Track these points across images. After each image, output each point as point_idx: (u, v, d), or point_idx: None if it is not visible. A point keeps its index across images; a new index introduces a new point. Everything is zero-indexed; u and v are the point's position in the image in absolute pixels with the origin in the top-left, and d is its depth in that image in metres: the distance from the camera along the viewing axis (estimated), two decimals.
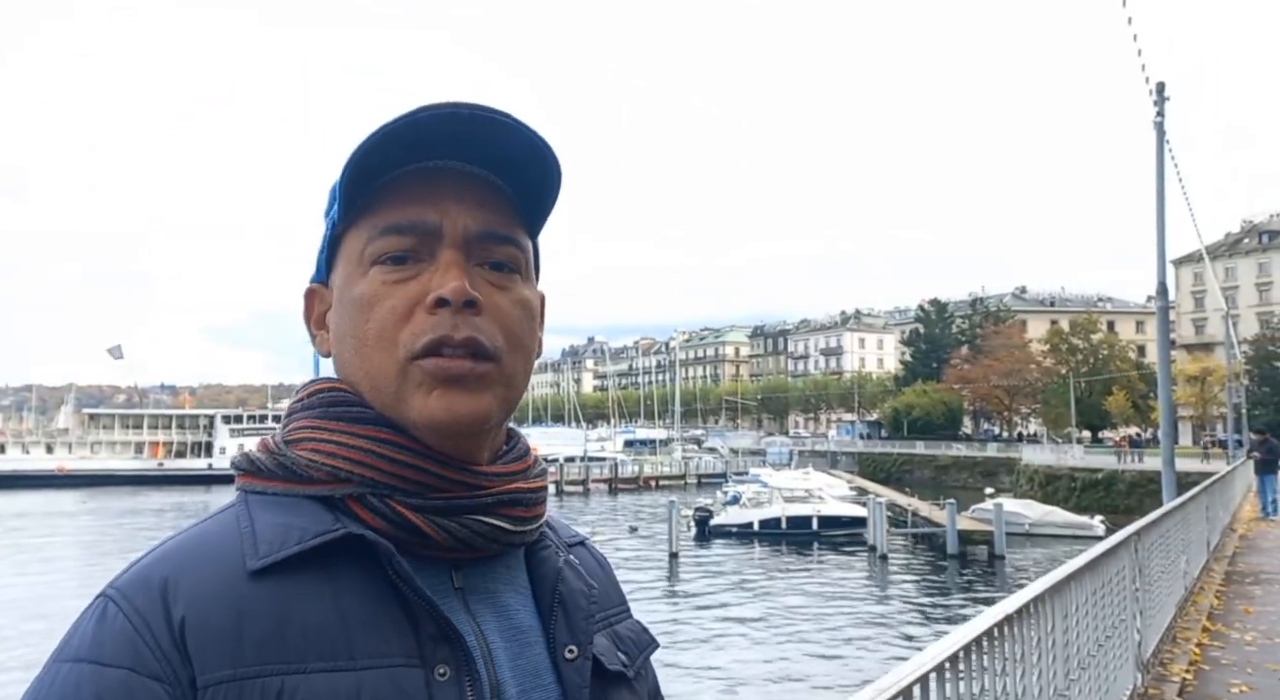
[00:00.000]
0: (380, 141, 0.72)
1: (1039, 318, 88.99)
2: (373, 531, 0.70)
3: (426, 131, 0.73)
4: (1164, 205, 12.47)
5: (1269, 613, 8.17)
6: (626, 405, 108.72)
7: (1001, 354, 71.33)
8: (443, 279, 0.73)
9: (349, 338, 0.76)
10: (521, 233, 0.80)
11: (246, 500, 0.74)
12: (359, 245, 0.76)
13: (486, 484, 0.75)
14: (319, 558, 0.68)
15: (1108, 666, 4.51)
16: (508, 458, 0.80)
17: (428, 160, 0.76)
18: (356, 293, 0.75)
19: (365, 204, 0.76)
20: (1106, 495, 37.18)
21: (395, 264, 0.75)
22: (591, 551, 0.91)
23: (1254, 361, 62.96)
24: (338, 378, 0.79)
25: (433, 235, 0.75)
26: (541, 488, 0.81)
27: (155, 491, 53.93)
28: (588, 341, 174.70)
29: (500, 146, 0.76)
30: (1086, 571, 4.13)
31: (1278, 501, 17.70)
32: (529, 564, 0.81)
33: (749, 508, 32.11)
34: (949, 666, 2.33)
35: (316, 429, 0.75)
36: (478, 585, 0.76)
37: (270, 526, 0.70)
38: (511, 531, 0.76)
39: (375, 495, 0.72)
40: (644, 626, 0.88)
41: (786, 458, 58.84)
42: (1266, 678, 5.95)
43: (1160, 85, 12.72)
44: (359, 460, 0.73)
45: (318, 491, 0.73)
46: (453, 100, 0.73)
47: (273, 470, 0.75)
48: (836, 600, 20.71)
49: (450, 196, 0.76)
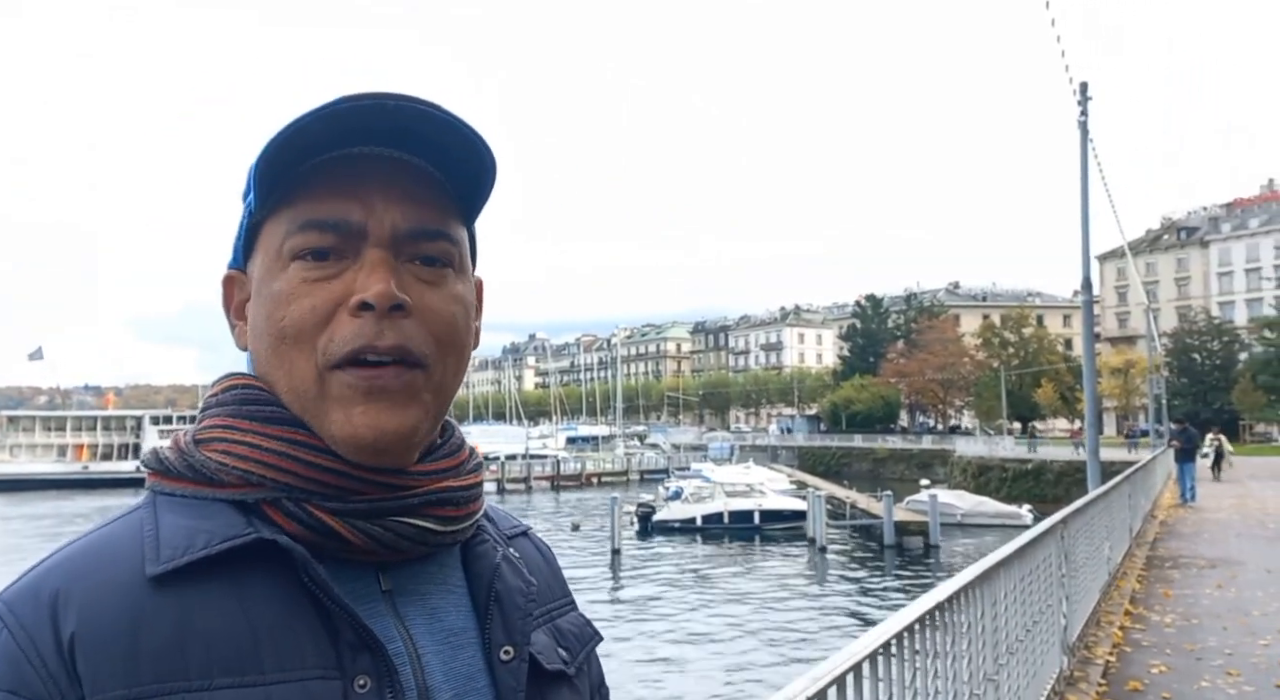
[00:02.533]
0: (296, 132, 0.67)
1: (971, 313, 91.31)
2: (287, 536, 0.66)
3: (349, 122, 0.68)
4: (1088, 203, 12.87)
5: (1186, 596, 8.52)
6: (568, 402, 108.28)
7: (936, 348, 72.98)
8: (367, 280, 0.68)
9: (265, 334, 0.71)
10: (456, 224, 0.75)
11: (154, 502, 0.70)
12: (277, 238, 0.71)
13: (412, 484, 0.71)
14: (228, 564, 0.64)
15: (1035, 651, 4.64)
16: (438, 454, 0.76)
17: (351, 147, 0.71)
18: (275, 288, 0.70)
19: (284, 193, 0.71)
20: (1036, 485, 38.33)
21: (316, 261, 0.70)
22: (534, 542, 0.88)
23: (1173, 354, 65.55)
24: (254, 374, 0.74)
25: (356, 233, 0.70)
26: (475, 485, 0.77)
27: (81, 496, 52.02)
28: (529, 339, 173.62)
29: (428, 137, 0.71)
30: (1015, 559, 4.24)
31: (1195, 488, 18.47)
32: (465, 561, 0.77)
33: (691, 503, 32.26)
34: (881, 654, 2.37)
35: (229, 429, 0.71)
36: (407, 587, 0.72)
37: (176, 530, 0.66)
38: (440, 532, 0.72)
39: (291, 499, 0.68)
40: (587, 620, 0.86)
41: (728, 453, 59.34)
42: (1184, 658, 6.20)
43: (1084, 85, 13.13)
44: (273, 464, 0.68)
45: (229, 495, 0.68)
46: (376, 91, 0.68)
47: (181, 471, 0.70)
48: (778, 593, 20.96)
49: (376, 189, 0.71)
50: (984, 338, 74.58)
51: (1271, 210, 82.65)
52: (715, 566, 25.12)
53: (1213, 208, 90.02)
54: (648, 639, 16.75)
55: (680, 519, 31.41)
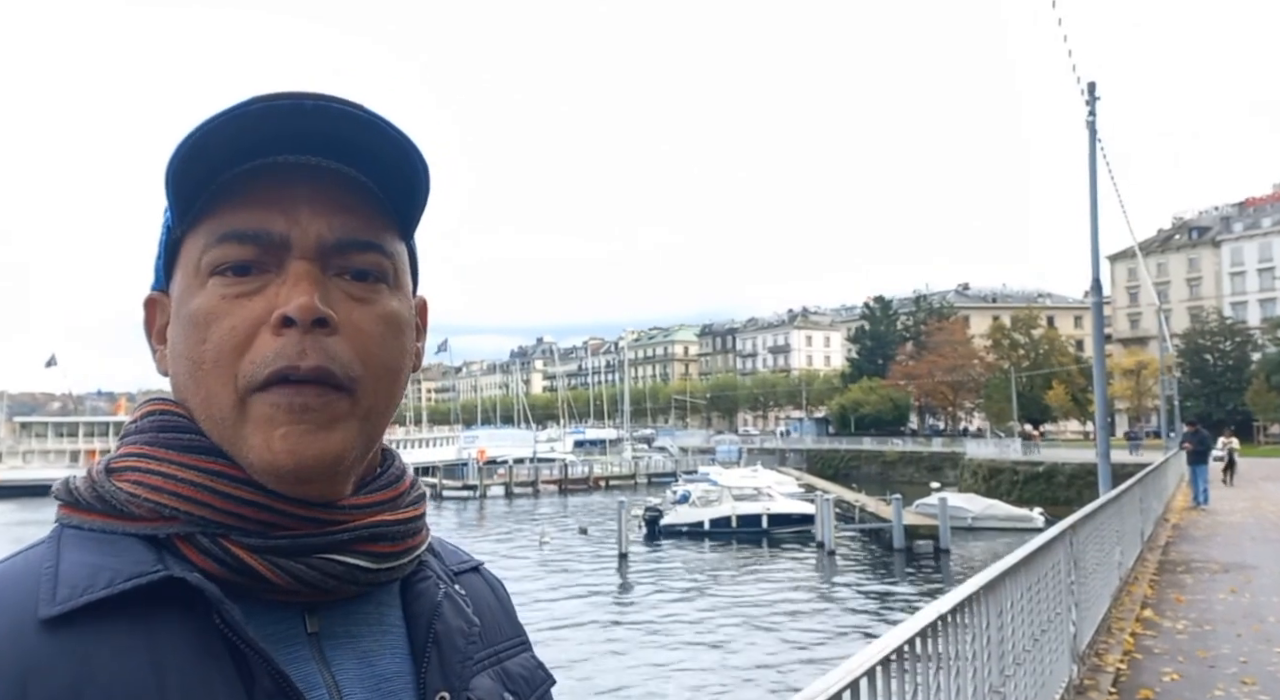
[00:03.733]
0: (206, 138, 0.62)
1: (981, 314, 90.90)
2: (200, 574, 0.60)
3: (267, 125, 0.63)
4: (1097, 203, 12.75)
5: (1199, 601, 8.38)
6: (576, 405, 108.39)
7: (945, 350, 72.72)
8: (290, 293, 0.63)
9: (183, 359, 0.66)
10: (390, 236, 0.69)
11: (60, 536, 0.64)
12: (196, 253, 0.66)
13: (343, 518, 0.65)
14: (134, 605, 0.58)
15: (1044, 660, 4.54)
16: (375, 485, 0.70)
17: (272, 155, 0.65)
18: (193, 307, 0.65)
19: (203, 206, 0.65)
20: (1047, 487, 38.11)
21: (237, 276, 0.64)
22: (486, 578, 0.82)
23: (1185, 354, 65.12)
24: (175, 399, 0.69)
25: (279, 245, 0.64)
26: (413, 519, 0.71)
27: None
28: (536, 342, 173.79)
29: (355, 142, 0.65)
30: (1021, 567, 4.14)
31: (1208, 491, 18.27)
32: (404, 599, 0.71)
33: (699, 506, 32.17)
34: (880, 670, 2.28)
35: (143, 457, 0.65)
36: (336, 629, 0.66)
37: (77, 567, 0.59)
38: (373, 570, 0.66)
39: (206, 535, 0.62)
40: (539, 662, 0.79)
41: (736, 456, 59.22)
42: (1197, 666, 6.07)
43: (1091, 85, 13.00)
44: (188, 495, 0.63)
45: (140, 529, 0.62)
46: (293, 90, 0.62)
47: (91, 503, 0.64)
48: (786, 598, 20.83)
49: (301, 198, 0.65)
50: (994, 339, 74.30)
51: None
52: (723, 570, 25.01)
53: (1224, 207, 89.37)
54: (655, 643, 16.65)
55: (688, 523, 31.32)
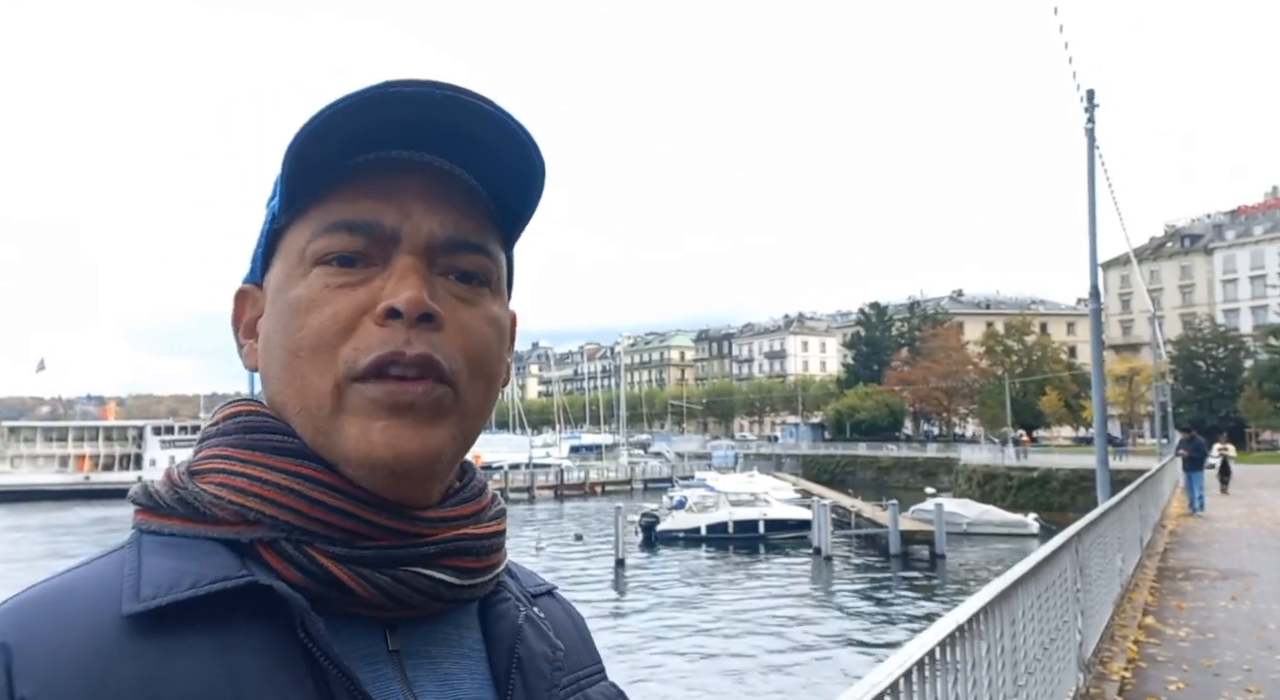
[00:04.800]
0: (330, 122, 0.60)
1: (975, 320, 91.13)
2: (285, 583, 0.58)
3: (389, 115, 0.61)
4: (1095, 210, 12.78)
5: (1200, 608, 8.38)
6: (572, 411, 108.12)
7: (940, 356, 72.89)
8: (397, 287, 0.62)
9: (279, 349, 0.64)
10: (495, 242, 0.68)
11: (139, 541, 0.62)
12: (301, 242, 0.64)
13: (428, 531, 0.63)
14: (216, 610, 0.56)
15: (1053, 669, 4.53)
16: (457, 499, 0.67)
17: (389, 150, 0.64)
18: (293, 295, 0.63)
19: (312, 195, 0.64)
20: (1041, 493, 38.19)
21: (342, 266, 0.63)
22: (561, 602, 0.79)
23: (1178, 361, 65.34)
24: (263, 400, 0.67)
25: (389, 238, 0.63)
26: (497, 534, 0.69)
27: (81, 506, 51.95)
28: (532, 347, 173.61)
29: (476, 139, 0.64)
30: (1031, 576, 4.13)
31: (1204, 497, 18.29)
32: (484, 621, 0.68)
33: (695, 512, 32.15)
34: (903, 682, 2.27)
35: (228, 460, 0.63)
36: (418, 649, 0.63)
37: (159, 569, 0.58)
38: (457, 586, 0.64)
39: (290, 541, 0.60)
40: (619, 690, 0.76)
41: (732, 461, 59.24)
42: (1202, 674, 6.06)
43: (1090, 92, 13.05)
44: (274, 499, 0.60)
45: (222, 534, 0.60)
46: (423, 78, 0.61)
47: (172, 506, 0.62)
48: (783, 604, 20.81)
49: (414, 194, 0.64)
50: (988, 345, 74.46)
51: (1276, 218, 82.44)
52: (720, 576, 24.97)
53: (1217, 214, 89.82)
54: (652, 650, 16.60)
55: (684, 528, 31.28)
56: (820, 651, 16.33)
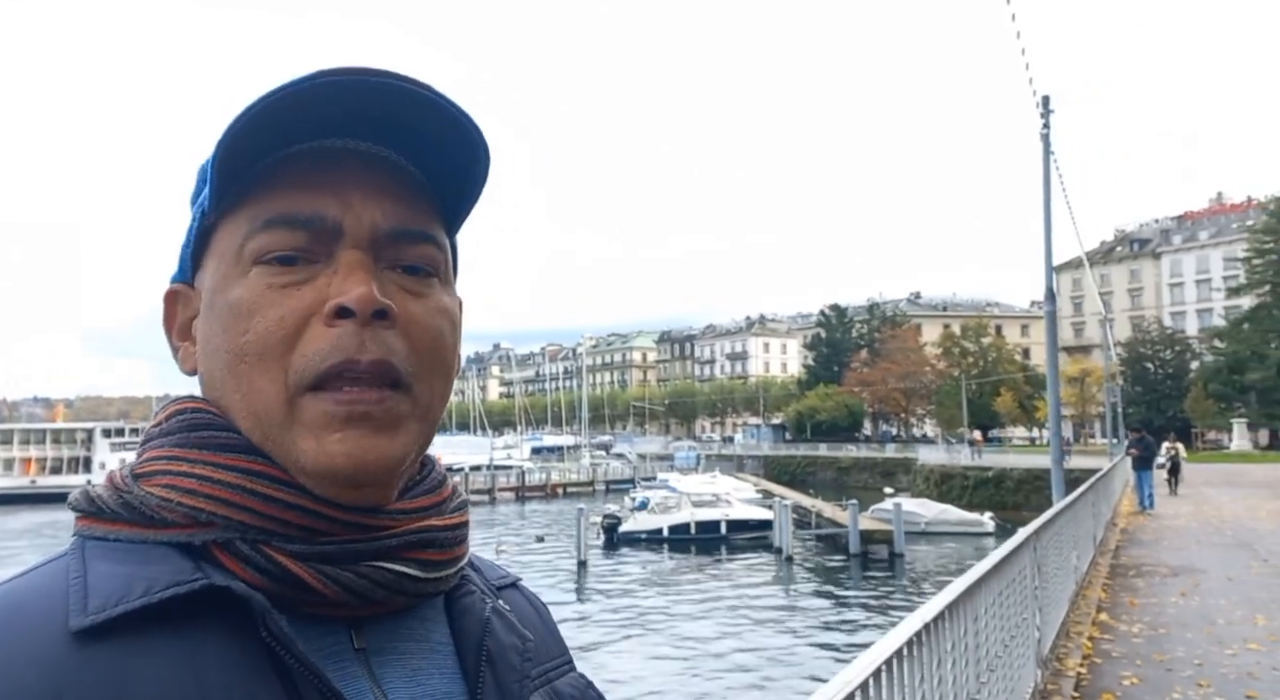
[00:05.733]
0: (263, 113, 0.57)
1: (933, 322, 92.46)
2: (243, 583, 0.55)
3: (323, 103, 0.58)
4: (1050, 214, 13.04)
5: (1152, 604, 8.58)
6: (533, 412, 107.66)
7: (898, 357, 73.91)
8: (345, 283, 0.59)
9: (222, 352, 0.61)
10: (441, 229, 0.66)
11: (83, 548, 0.58)
12: (236, 239, 0.61)
13: (390, 523, 0.61)
14: (172, 617, 0.53)
15: (1013, 666, 4.60)
16: (419, 490, 0.65)
17: (325, 139, 0.61)
18: (233, 297, 0.60)
19: (245, 189, 0.61)
20: (996, 492, 38.98)
21: (283, 265, 0.60)
22: (525, 594, 0.78)
23: (1128, 363, 66.95)
24: (205, 398, 0.64)
25: (331, 232, 0.60)
26: (461, 525, 0.67)
27: (27, 511, 50.54)
28: (493, 348, 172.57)
29: (416, 125, 0.62)
30: (994, 574, 4.19)
31: (1154, 496, 18.75)
32: (450, 615, 0.67)
33: (658, 514, 32.16)
34: (872, 682, 2.28)
35: (175, 460, 0.60)
36: (384, 645, 0.62)
37: (107, 577, 0.55)
38: (422, 579, 0.62)
39: (246, 541, 0.57)
40: (588, 682, 0.75)
41: (694, 462, 59.37)
42: (1154, 669, 6.21)
43: (1045, 98, 13.33)
44: (226, 499, 0.58)
45: (173, 537, 0.57)
46: (355, 65, 0.58)
47: (117, 511, 0.59)
48: (744, 604, 20.90)
49: (352, 184, 0.61)
50: (945, 347, 75.64)
51: (1220, 223, 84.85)
52: (682, 577, 25.01)
53: (1164, 220, 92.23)
54: (614, 651, 16.58)
55: (647, 530, 31.28)
56: (782, 650, 16.43)
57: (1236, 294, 64.93)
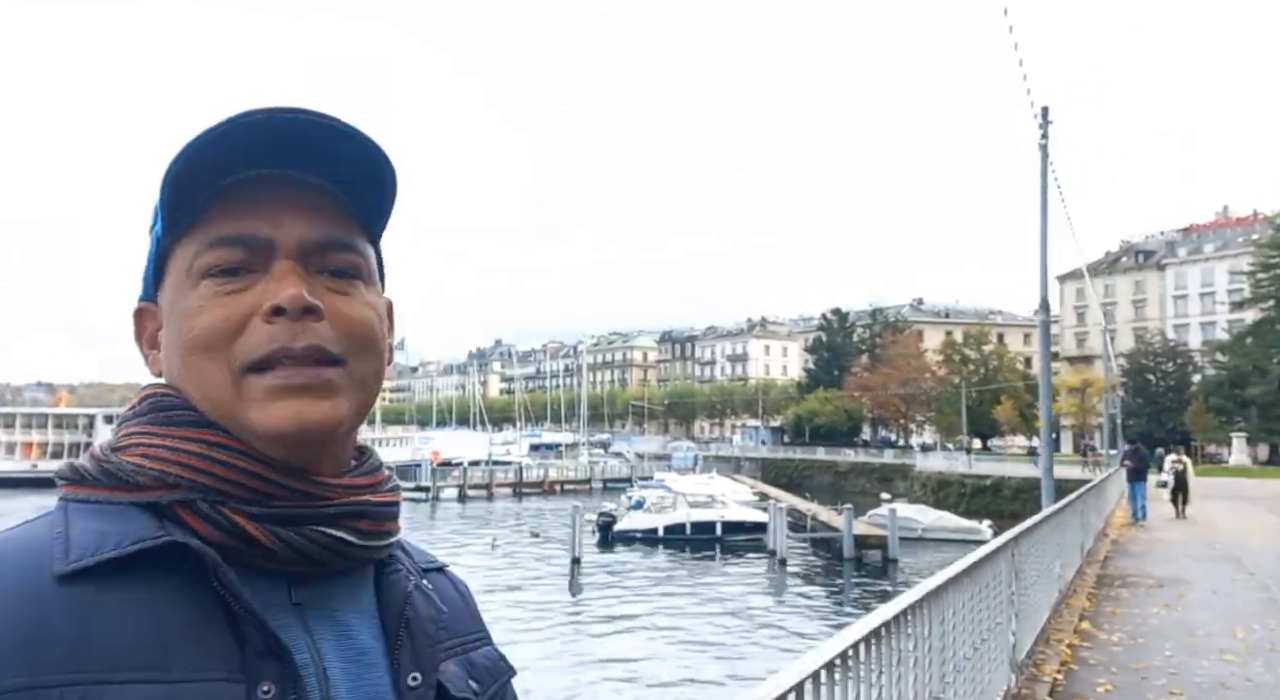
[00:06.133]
0: (198, 153, 0.69)
1: (934, 329, 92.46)
2: (201, 540, 0.66)
3: (247, 140, 0.69)
4: (1047, 224, 13.12)
5: (1134, 614, 8.65)
6: (533, 409, 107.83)
7: (899, 363, 73.82)
8: (278, 287, 0.70)
9: (177, 348, 0.73)
10: (361, 238, 0.77)
11: (66, 508, 0.70)
12: (187, 259, 0.73)
13: (330, 495, 0.72)
14: (139, 567, 0.64)
15: (983, 669, 4.68)
16: (356, 472, 0.77)
17: (256, 169, 0.72)
18: (185, 305, 0.72)
19: (191, 218, 0.72)
20: (994, 500, 38.91)
21: (226, 276, 0.71)
22: (450, 578, 0.88)
23: (1129, 374, 66.90)
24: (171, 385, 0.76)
25: (266, 247, 0.71)
26: (392, 503, 0.77)
27: (28, 494, 50.77)
28: (494, 344, 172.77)
29: (329, 151, 0.72)
30: (965, 577, 4.27)
31: (1146, 508, 18.81)
32: (378, 587, 0.77)
33: (653, 513, 32.27)
34: (824, 673, 2.36)
35: (148, 435, 0.71)
36: (318, 602, 0.71)
37: (86, 532, 0.66)
38: (357, 545, 0.72)
39: (207, 501, 0.67)
40: (501, 655, 0.86)
41: (691, 463, 59.51)
42: (1129, 676, 6.28)
43: (1045, 109, 13.39)
44: (190, 465, 0.68)
45: (144, 498, 0.68)
46: (269, 106, 0.69)
47: (97, 477, 0.70)
48: (736, 604, 20.98)
49: (282, 206, 0.72)
50: (946, 354, 75.60)
51: (1225, 236, 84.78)
52: (675, 577, 25.10)
53: (1169, 232, 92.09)
54: (605, 648, 16.67)
55: (642, 529, 31.38)
56: (771, 652, 16.51)
57: (1240, 308, 64.88)
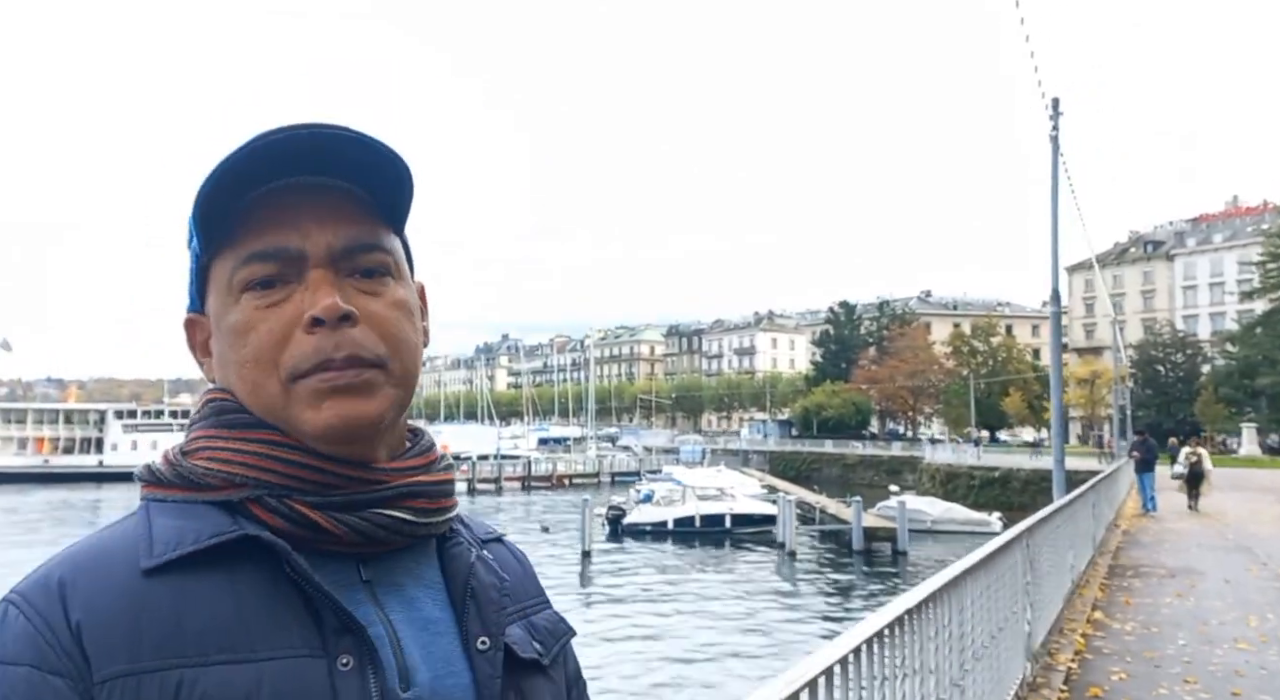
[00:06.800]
0: (225, 173, 0.74)
1: (942, 321, 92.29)
2: (271, 531, 0.72)
3: (268, 155, 0.75)
4: (1058, 215, 13.10)
5: (1147, 604, 8.69)
6: (541, 403, 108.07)
7: (907, 355, 73.70)
8: (314, 298, 0.75)
9: (231, 364, 0.79)
10: (386, 234, 0.82)
11: (148, 508, 0.77)
12: (226, 274, 0.78)
13: (385, 478, 0.78)
14: (218, 559, 0.71)
15: (1000, 657, 4.73)
16: (411, 453, 0.83)
17: (280, 179, 0.77)
18: (231, 321, 0.78)
19: (225, 233, 0.78)
20: (1003, 492, 38.87)
21: (264, 289, 0.77)
22: (509, 548, 0.93)
23: (1138, 365, 66.68)
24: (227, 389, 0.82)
25: (297, 258, 0.77)
26: (446, 481, 0.83)
27: (40, 489, 51.11)
28: (502, 338, 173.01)
29: (347, 157, 0.78)
30: (981, 567, 4.32)
31: (1155, 499, 18.80)
32: (441, 559, 0.83)
33: (662, 506, 32.33)
34: (853, 657, 2.42)
35: (212, 438, 0.78)
36: (385, 578, 0.78)
37: (167, 529, 0.73)
38: (415, 523, 0.79)
39: (273, 496, 0.74)
40: (560, 617, 0.91)
41: (699, 456, 59.46)
42: (1143, 666, 6.33)
43: (1055, 101, 13.36)
44: (254, 464, 0.75)
45: (215, 497, 0.75)
46: (291, 123, 0.75)
47: (171, 480, 0.77)
48: (747, 597, 21.06)
49: (308, 215, 0.78)
50: (954, 346, 75.40)
51: (1235, 226, 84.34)
52: (685, 569, 25.18)
53: (1178, 222, 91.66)
54: (616, 641, 16.76)
55: (651, 522, 31.45)
56: (782, 643, 16.58)
57: (1250, 298, 64.46)
